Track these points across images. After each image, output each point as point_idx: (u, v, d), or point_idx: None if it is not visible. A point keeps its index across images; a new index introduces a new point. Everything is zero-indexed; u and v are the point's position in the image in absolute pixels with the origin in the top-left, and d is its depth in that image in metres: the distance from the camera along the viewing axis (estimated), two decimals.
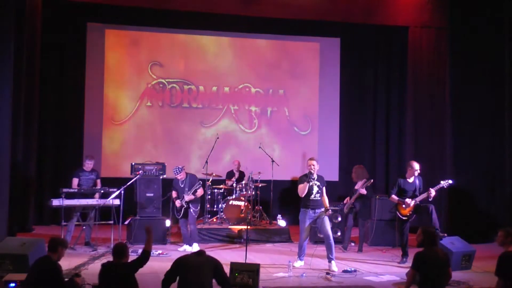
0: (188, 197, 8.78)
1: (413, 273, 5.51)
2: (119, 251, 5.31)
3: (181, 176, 8.90)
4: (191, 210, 8.86)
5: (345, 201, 9.37)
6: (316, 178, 7.77)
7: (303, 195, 7.78)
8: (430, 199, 8.13)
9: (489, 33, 10.37)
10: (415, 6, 11.40)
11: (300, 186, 7.78)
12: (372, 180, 9.17)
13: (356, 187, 9.29)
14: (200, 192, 8.98)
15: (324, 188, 7.87)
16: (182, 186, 8.92)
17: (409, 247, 8.38)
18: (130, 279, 5.23)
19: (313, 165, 7.74)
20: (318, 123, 12.67)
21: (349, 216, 9.29)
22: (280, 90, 12.55)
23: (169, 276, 5.36)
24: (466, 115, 10.50)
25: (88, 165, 9.03)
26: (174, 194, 9.08)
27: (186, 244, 8.87)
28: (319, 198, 7.78)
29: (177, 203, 8.89)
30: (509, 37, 10.18)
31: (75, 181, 8.91)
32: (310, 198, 7.76)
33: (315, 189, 7.74)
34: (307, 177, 7.76)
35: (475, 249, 7.99)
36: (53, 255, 5.45)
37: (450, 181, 8.19)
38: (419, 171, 8.27)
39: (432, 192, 8.04)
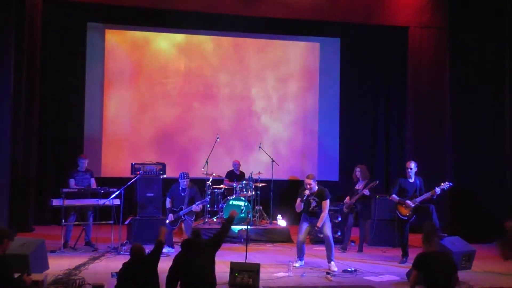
0: (187, 210, 8.68)
1: (416, 273, 5.39)
2: (137, 252, 5.30)
3: (186, 183, 8.78)
4: (187, 219, 8.75)
5: (345, 201, 9.34)
6: (315, 193, 7.78)
7: (298, 211, 7.86)
8: (434, 198, 8.11)
9: (489, 33, 10.37)
10: (415, 6, 11.40)
11: (297, 202, 7.83)
12: (377, 182, 9.13)
13: (357, 187, 9.25)
14: (197, 208, 8.75)
15: (326, 202, 7.73)
16: (183, 195, 8.77)
17: (409, 247, 8.39)
18: (152, 280, 5.21)
19: (309, 184, 7.74)
20: (318, 123, 12.67)
21: (349, 216, 9.25)
22: (280, 90, 12.55)
23: (172, 275, 5.34)
24: (466, 115, 10.50)
25: (83, 164, 9.01)
26: (168, 203, 8.84)
27: (169, 247, 8.59)
28: (318, 211, 7.76)
29: (170, 217, 8.66)
30: (509, 37, 10.18)
31: (72, 182, 8.90)
32: (309, 210, 7.81)
33: (313, 204, 7.77)
34: (303, 191, 7.77)
35: (475, 249, 7.99)
36: None
37: (450, 184, 8.18)
38: (414, 169, 8.26)
39: (437, 190, 8.03)
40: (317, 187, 7.81)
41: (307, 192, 7.74)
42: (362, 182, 9.21)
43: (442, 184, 8.13)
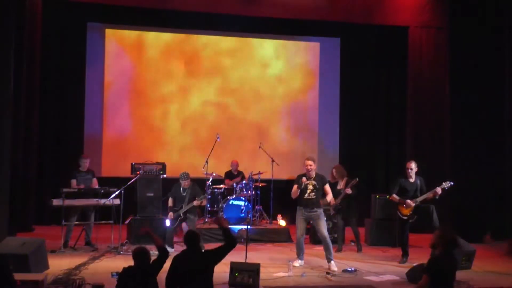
0: (186, 208, 8.67)
1: (427, 278, 5.29)
2: (139, 254, 5.24)
3: (186, 184, 8.78)
4: (190, 217, 8.73)
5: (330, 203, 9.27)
6: (313, 177, 7.76)
7: (294, 197, 7.83)
8: (437, 197, 8.10)
9: (489, 33, 10.37)
10: (415, 6, 11.40)
11: (293, 188, 7.80)
12: (357, 179, 9.08)
13: (338, 187, 9.21)
14: (197, 202, 8.73)
15: (326, 186, 7.85)
16: (183, 194, 8.77)
17: (409, 247, 8.39)
18: (151, 281, 5.18)
19: (310, 165, 7.73)
20: (318, 123, 12.67)
21: (337, 217, 9.21)
22: (280, 89, 12.55)
23: (171, 279, 5.32)
24: (466, 114, 10.50)
25: (84, 164, 9.02)
26: (170, 202, 8.83)
27: (169, 247, 8.51)
28: (314, 197, 7.75)
29: (170, 215, 8.66)
30: (509, 36, 10.18)
31: (74, 182, 8.91)
32: (304, 197, 7.76)
33: (310, 187, 7.72)
34: (301, 179, 7.74)
35: (475, 249, 8.00)
36: None
37: (451, 183, 8.17)
38: (414, 170, 8.25)
39: (439, 190, 8.01)
40: (315, 173, 7.82)
41: (304, 179, 7.71)
42: (342, 181, 9.19)
43: (443, 183, 8.12)
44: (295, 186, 7.79)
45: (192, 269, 5.22)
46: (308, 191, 7.73)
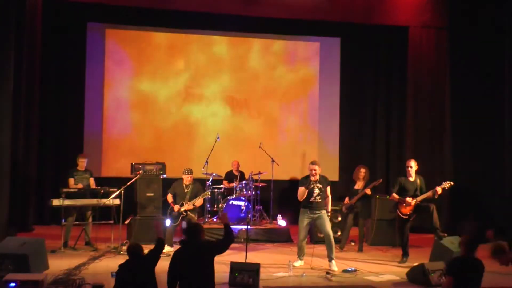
0: (187, 206, 8.69)
1: (452, 280, 5.18)
2: (135, 252, 5.28)
3: (189, 180, 8.80)
4: (191, 214, 8.75)
5: (344, 201, 9.34)
6: (318, 180, 7.77)
7: (301, 199, 7.81)
8: (435, 197, 8.10)
9: (489, 33, 10.38)
10: (415, 6, 11.40)
11: (300, 190, 7.79)
12: (381, 180, 9.11)
13: (356, 187, 9.25)
14: (199, 202, 8.80)
15: (328, 188, 7.87)
16: (185, 191, 8.79)
17: (410, 246, 8.39)
18: (148, 276, 5.19)
19: (315, 170, 7.73)
20: (318, 123, 12.67)
21: (348, 216, 9.25)
22: (280, 89, 12.55)
23: (172, 274, 5.31)
24: (466, 114, 10.52)
25: (82, 163, 9.02)
26: (170, 198, 8.87)
27: (169, 246, 8.52)
28: (320, 201, 7.77)
29: (176, 207, 8.71)
30: (509, 36, 10.19)
31: (71, 181, 8.91)
32: (310, 200, 7.77)
33: (316, 191, 7.74)
34: (307, 180, 7.75)
35: None
36: None
37: (451, 183, 8.16)
38: (414, 168, 8.24)
39: (439, 190, 8.01)
40: (319, 175, 7.82)
41: (313, 178, 7.71)
42: (361, 182, 9.21)
43: (443, 183, 8.12)
44: (302, 188, 7.76)
45: (192, 262, 5.21)
46: (315, 194, 7.74)
